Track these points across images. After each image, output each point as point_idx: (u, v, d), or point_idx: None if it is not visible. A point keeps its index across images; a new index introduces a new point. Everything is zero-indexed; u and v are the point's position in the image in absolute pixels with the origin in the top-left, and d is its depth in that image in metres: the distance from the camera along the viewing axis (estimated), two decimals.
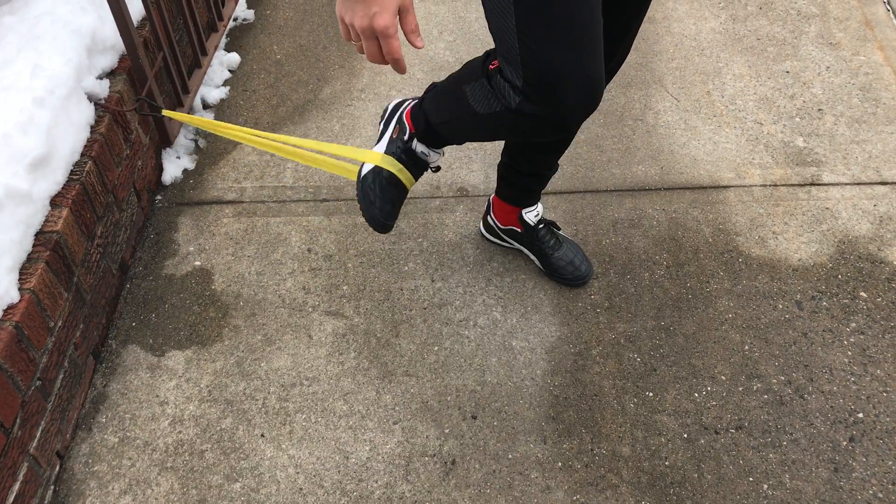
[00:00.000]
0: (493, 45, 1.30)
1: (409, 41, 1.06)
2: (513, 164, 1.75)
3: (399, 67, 1.09)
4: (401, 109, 1.64)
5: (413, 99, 1.66)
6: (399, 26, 1.07)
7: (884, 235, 2.01)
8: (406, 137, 1.57)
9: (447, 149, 2.24)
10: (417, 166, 1.60)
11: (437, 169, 1.63)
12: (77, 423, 1.69)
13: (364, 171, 1.62)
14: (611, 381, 1.74)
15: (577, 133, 1.90)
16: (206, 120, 1.85)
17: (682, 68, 2.51)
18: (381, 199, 1.58)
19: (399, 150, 1.58)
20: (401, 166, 1.58)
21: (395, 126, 1.62)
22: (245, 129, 1.78)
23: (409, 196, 2.13)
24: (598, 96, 1.24)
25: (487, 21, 1.27)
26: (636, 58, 2.53)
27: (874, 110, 2.33)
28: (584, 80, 1.20)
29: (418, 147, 1.57)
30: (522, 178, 1.78)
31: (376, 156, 1.60)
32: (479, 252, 2.00)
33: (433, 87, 1.55)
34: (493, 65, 1.31)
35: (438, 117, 1.50)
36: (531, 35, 1.17)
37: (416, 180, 1.62)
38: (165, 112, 1.91)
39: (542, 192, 1.90)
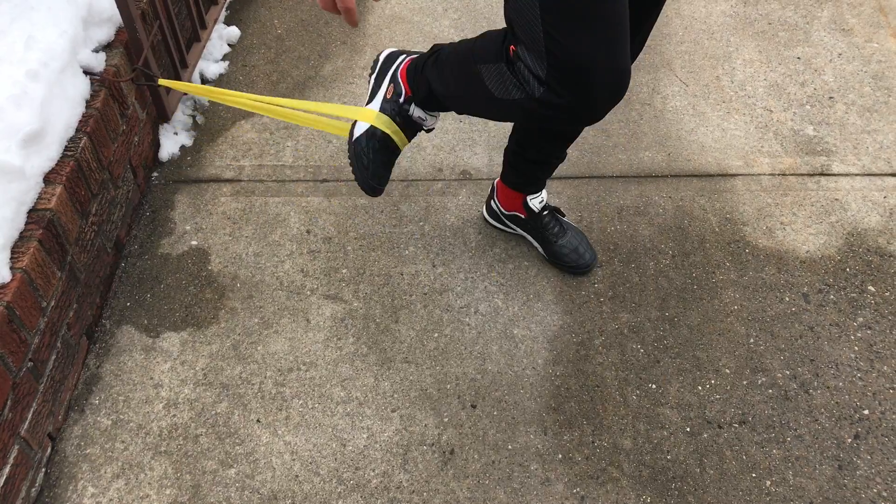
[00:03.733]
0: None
1: None
2: (520, 152, 1.70)
3: (351, 19, 1.03)
4: (394, 66, 1.58)
5: (405, 53, 1.60)
6: None
7: (894, 229, 1.97)
8: (402, 100, 1.53)
9: (451, 130, 2.20)
10: (411, 128, 1.56)
11: (430, 130, 1.60)
12: (69, 404, 1.65)
13: (357, 133, 1.57)
14: (613, 372, 1.71)
15: None
16: (201, 87, 1.80)
17: (691, 52, 2.46)
18: (373, 163, 1.55)
19: (394, 111, 1.54)
20: (396, 127, 1.53)
21: (388, 85, 1.57)
22: (241, 93, 1.74)
23: (411, 178, 2.09)
24: (624, 86, 1.20)
25: (507, 9, 1.22)
26: None
27: (886, 99, 2.29)
28: (612, 72, 1.17)
29: (415, 112, 1.53)
30: (530, 165, 1.73)
31: (371, 114, 1.55)
32: (482, 237, 1.96)
33: (437, 53, 1.49)
34: (512, 48, 1.26)
35: (445, 89, 1.45)
36: (557, 25, 1.13)
37: (409, 142, 1.58)
38: (162, 81, 1.86)
39: None
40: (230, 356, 1.73)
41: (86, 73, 1.78)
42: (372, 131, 1.54)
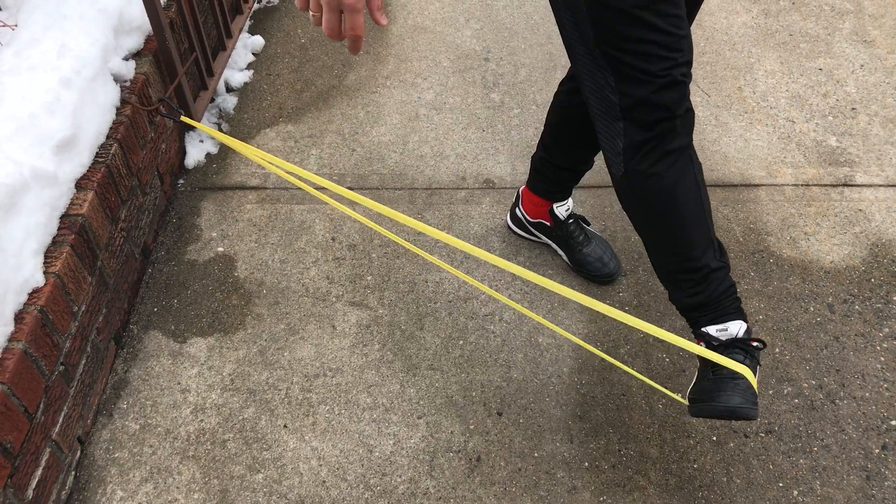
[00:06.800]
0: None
1: (373, 18, 0.99)
2: (549, 158, 1.71)
3: (356, 46, 1.01)
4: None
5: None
6: (365, 1, 0.98)
7: None
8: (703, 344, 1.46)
9: (474, 139, 2.20)
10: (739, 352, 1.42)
11: (757, 343, 1.44)
12: (98, 408, 1.67)
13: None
14: (639, 380, 1.71)
15: None
16: (230, 139, 1.70)
17: (713, 63, 2.46)
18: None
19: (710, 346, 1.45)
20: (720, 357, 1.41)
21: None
22: (283, 162, 1.55)
23: (434, 187, 2.10)
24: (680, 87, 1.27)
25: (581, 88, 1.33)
26: None
27: None
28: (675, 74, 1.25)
29: (710, 329, 1.43)
30: (558, 172, 1.74)
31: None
32: (506, 245, 1.97)
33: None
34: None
35: (663, 276, 1.47)
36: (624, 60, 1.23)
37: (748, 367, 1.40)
38: (184, 119, 1.85)
39: None
40: (257, 362, 1.74)
41: (116, 80, 1.80)
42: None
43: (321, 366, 1.74)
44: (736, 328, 1.41)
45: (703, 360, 1.43)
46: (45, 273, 1.46)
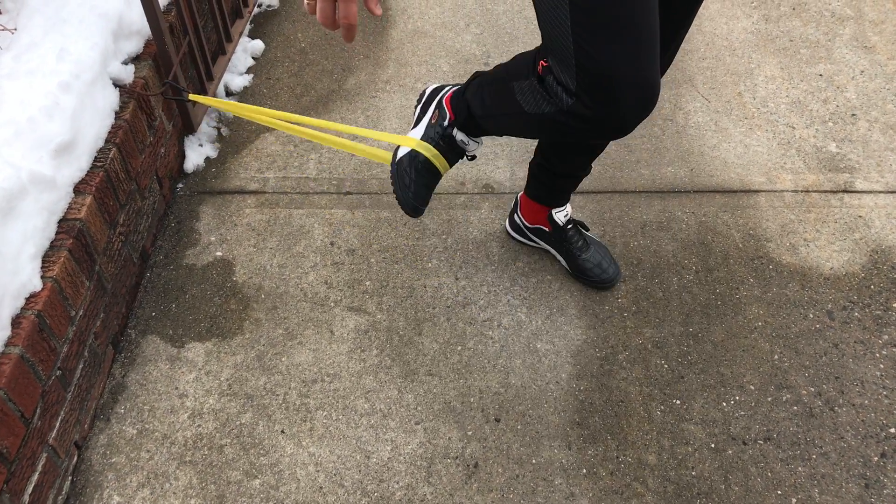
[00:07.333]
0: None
1: (367, 7, 0.99)
2: (546, 164, 1.71)
3: (350, 34, 1.01)
4: (440, 94, 1.61)
5: (453, 85, 1.63)
6: None
7: None
8: (445, 124, 1.55)
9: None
10: (454, 153, 1.58)
11: (473, 157, 1.61)
12: (95, 413, 1.66)
13: (399, 155, 1.60)
14: (637, 387, 1.71)
15: None
16: (234, 103, 1.80)
17: (713, 68, 2.46)
18: (415, 184, 1.56)
19: (437, 135, 1.56)
20: (436, 152, 1.55)
21: (433, 111, 1.59)
22: (275, 111, 1.75)
23: (434, 192, 2.10)
24: (653, 100, 1.20)
25: (539, 21, 1.23)
26: None
27: None
28: (640, 85, 1.17)
29: (458, 135, 1.55)
30: (556, 178, 1.74)
31: (412, 141, 1.57)
32: (505, 251, 1.97)
33: (477, 77, 1.52)
34: (543, 63, 1.27)
35: (482, 109, 1.47)
36: (587, 37, 1.14)
37: (451, 167, 1.60)
38: (192, 96, 1.88)
39: None
40: (255, 367, 1.74)
41: (115, 84, 1.80)
42: (413, 154, 1.56)
43: (319, 371, 1.73)
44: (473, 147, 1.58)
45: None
46: (42, 278, 1.46)
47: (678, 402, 1.69)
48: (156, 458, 1.60)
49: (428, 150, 1.55)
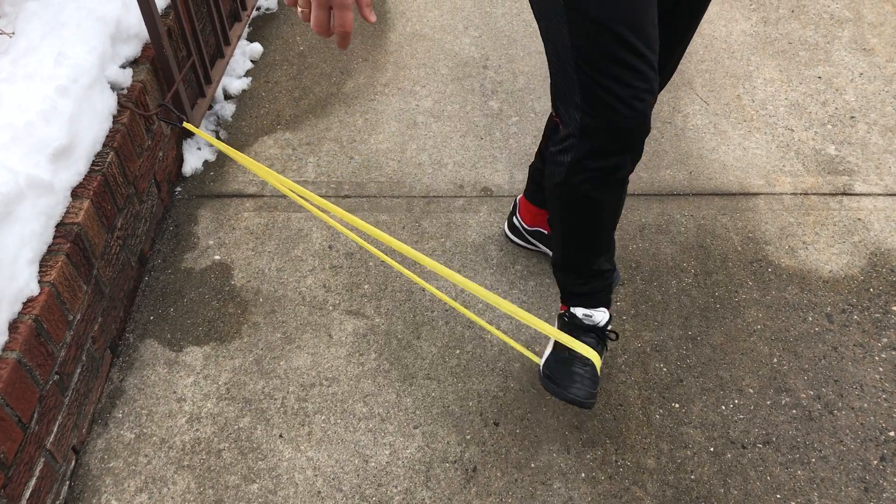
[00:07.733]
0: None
1: (361, 14, 0.98)
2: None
3: (345, 42, 0.99)
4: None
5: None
6: None
7: None
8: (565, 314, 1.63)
9: (472, 147, 2.20)
10: (590, 335, 1.59)
11: (613, 334, 1.62)
12: (93, 417, 1.66)
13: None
14: (636, 390, 1.71)
15: None
16: (243, 156, 1.67)
17: (711, 71, 2.46)
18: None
19: (562, 324, 1.63)
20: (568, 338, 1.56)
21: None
22: (303, 190, 1.55)
23: (432, 195, 2.10)
24: (639, 132, 1.29)
25: (547, 51, 1.32)
26: None
27: None
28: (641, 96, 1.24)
29: (578, 311, 1.59)
30: None
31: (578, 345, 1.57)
32: (503, 254, 1.97)
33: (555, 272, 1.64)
34: (554, 116, 1.38)
35: (556, 260, 1.59)
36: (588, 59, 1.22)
37: (598, 351, 1.58)
38: (186, 125, 1.84)
39: None
40: (253, 371, 1.74)
41: (113, 88, 1.79)
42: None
43: (317, 375, 1.73)
44: (600, 317, 1.58)
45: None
46: (40, 282, 1.46)
47: (677, 405, 1.68)
48: (154, 462, 1.60)
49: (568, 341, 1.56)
